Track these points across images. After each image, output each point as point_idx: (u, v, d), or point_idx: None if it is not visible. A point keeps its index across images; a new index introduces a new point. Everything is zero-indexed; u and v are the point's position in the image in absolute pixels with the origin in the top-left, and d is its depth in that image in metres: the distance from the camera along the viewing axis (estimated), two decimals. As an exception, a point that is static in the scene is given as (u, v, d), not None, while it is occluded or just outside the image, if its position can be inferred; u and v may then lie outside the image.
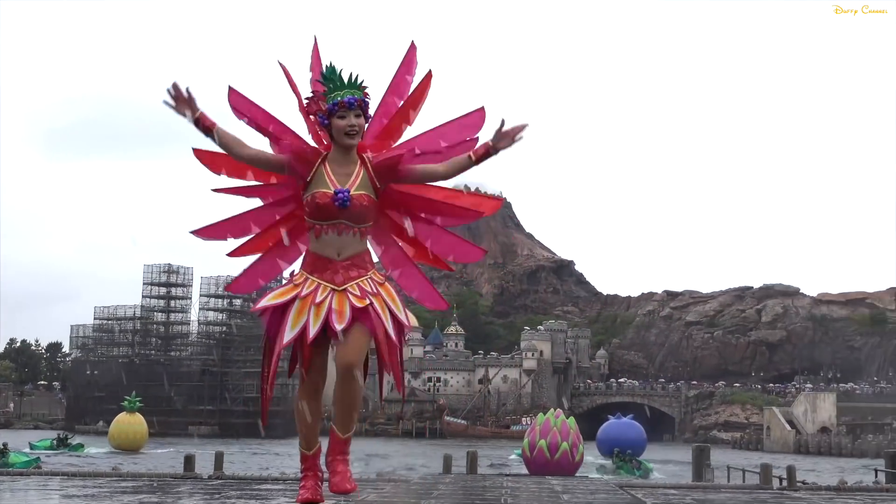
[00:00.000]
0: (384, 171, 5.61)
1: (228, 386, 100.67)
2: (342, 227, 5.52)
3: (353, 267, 5.55)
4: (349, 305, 5.41)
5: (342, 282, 5.49)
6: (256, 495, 7.36)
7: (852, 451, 76.75)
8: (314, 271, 5.56)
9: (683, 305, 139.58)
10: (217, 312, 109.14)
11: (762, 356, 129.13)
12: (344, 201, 5.44)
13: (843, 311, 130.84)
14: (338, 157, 5.59)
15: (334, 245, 5.55)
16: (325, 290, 5.47)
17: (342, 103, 5.51)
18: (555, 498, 6.97)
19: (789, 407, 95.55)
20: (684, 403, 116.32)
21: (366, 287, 5.51)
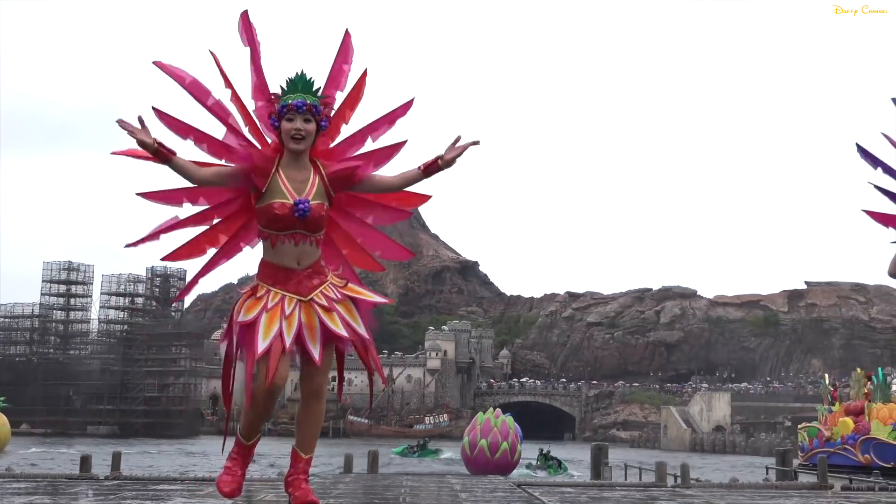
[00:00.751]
0: (339, 181, 5.56)
1: (129, 385, 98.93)
2: (299, 237, 5.45)
3: (314, 275, 5.50)
4: (318, 321, 5.39)
5: (307, 292, 5.44)
6: (154, 496, 7.29)
7: (745, 449, 78.62)
8: (276, 283, 5.48)
9: (585, 306, 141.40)
10: (118, 311, 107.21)
11: (660, 356, 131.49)
12: (304, 212, 5.37)
13: (738, 312, 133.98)
14: (290, 163, 5.49)
15: (292, 254, 5.48)
16: (292, 302, 5.42)
17: (290, 106, 5.43)
18: (453, 497, 7.05)
19: (686, 406, 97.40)
20: (584, 403, 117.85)
21: (330, 294, 5.49)
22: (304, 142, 5.44)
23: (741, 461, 60.38)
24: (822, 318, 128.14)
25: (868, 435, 44.27)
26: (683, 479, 13.71)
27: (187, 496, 7.13)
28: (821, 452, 45.53)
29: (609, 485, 10.15)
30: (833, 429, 46.41)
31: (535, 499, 6.86)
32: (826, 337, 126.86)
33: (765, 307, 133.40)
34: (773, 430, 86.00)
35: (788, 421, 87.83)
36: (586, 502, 6.86)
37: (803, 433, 50.05)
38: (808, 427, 50.12)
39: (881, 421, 44.12)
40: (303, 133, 5.42)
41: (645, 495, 7.89)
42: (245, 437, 5.76)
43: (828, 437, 46.54)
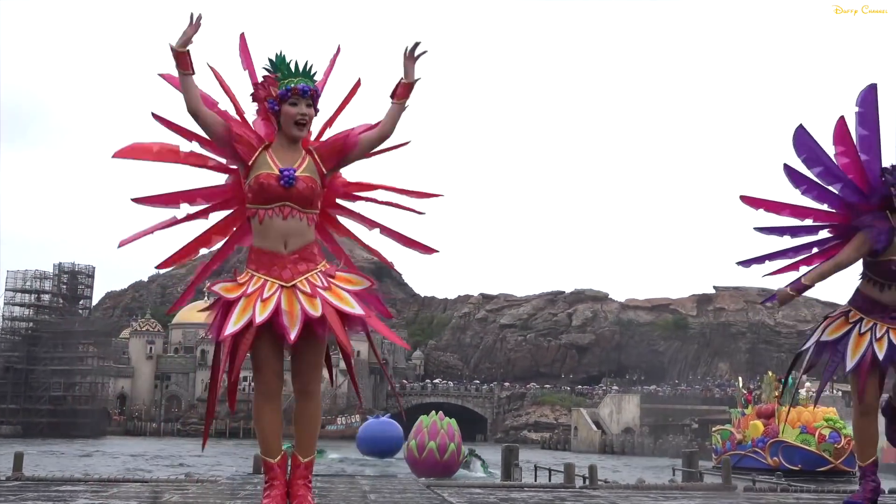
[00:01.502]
0: (330, 152, 5.39)
1: (34, 384, 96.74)
2: (287, 210, 5.20)
3: (301, 260, 5.23)
4: (300, 308, 5.09)
5: (290, 277, 5.17)
6: (57, 497, 7.16)
7: (654, 450, 79.78)
8: (259, 268, 5.24)
9: (498, 308, 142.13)
10: (24, 308, 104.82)
11: (572, 359, 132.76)
12: (290, 179, 5.15)
13: (648, 316, 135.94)
14: (283, 146, 5.32)
15: (280, 231, 5.20)
16: (273, 287, 5.15)
17: (296, 90, 5.26)
18: (362, 497, 7.05)
19: (596, 408, 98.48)
20: (497, 404, 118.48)
21: (315, 282, 5.19)
22: (306, 128, 5.33)
23: (649, 462, 61.28)
24: (730, 322, 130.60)
25: (777, 438, 45.16)
26: (591, 480, 13.87)
27: (91, 497, 7.01)
28: (732, 455, 46.52)
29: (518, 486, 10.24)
30: (745, 432, 47.31)
31: (444, 499, 6.90)
32: (733, 341, 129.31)
33: (674, 311, 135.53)
34: (681, 432, 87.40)
35: (695, 423, 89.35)
36: (494, 503, 6.91)
37: (717, 436, 51.02)
38: (721, 430, 51.07)
39: (790, 424, 45.04)
40: (307, 118, 5.31)
41: (552, 496, 7.98)
42: (265, 453, 5.44)
43: (739, 439, 47.47)
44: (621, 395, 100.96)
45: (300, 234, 5.26)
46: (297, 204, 5.21)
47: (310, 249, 5.30)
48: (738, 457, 46.27)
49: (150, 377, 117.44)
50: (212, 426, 5.90)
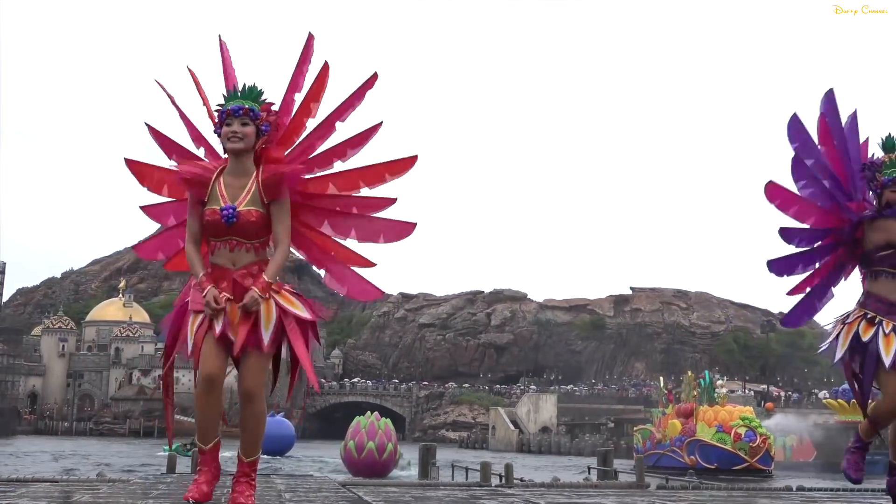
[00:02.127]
0: (268, 188, 5.60)
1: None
2: (233, 244, 5.58)
3: (248, 276, 5.55)
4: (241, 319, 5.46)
5: (240, 291, 5.51)
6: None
7: (570, 449, 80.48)
8: (213, 281, 5.55)
9: (417, 308, 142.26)
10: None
11: (491, 358, 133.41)
12: (230, 218, 5.49)
13: (566, 316, 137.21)
14: (233, 169, 5.63)
15: (228, 259, 5.60)
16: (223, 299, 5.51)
17: (228, 111, 5.58)
18: (277, 497, 7.01)
19: (514, 407, 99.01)
20: (415, 403, 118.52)
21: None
22: (241, 142, 5.56)
23: (566, 461, 61.82)
24: (646, 322, 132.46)
25: (693, 437, 45.67)
26: (507, 478, 13.99)
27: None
28: (652, 454, 46.98)
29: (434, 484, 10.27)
30: (664, 431, 47.79)
31: (360, 498, 6.89)
32: (649, 341, 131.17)
33: (592, 311, 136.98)
34: (598, 432, 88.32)
35: (611, 422, 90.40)
36: (409, 502, 6.92)
37: (637, 435, 51.49)
38: (641, 429, 51.54)
39: (706, 423, 45.54)
40: (238, 135, 5.55)
41: (468, 494, 8.02)
42: (200, 440, 5.68)
43: (659, 439, 47.90)
44: (539, 395, 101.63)
45: (247, 258, 5.63)
46: (242, 237, 5.58)
47: (257, 266, 5.62)
48: (657, 456, 46.72)
49: (63, 375, 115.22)
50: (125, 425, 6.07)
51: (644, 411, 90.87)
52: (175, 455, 17.07)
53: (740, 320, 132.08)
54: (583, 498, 7.72)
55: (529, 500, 7.09)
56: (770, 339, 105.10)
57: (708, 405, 46.67)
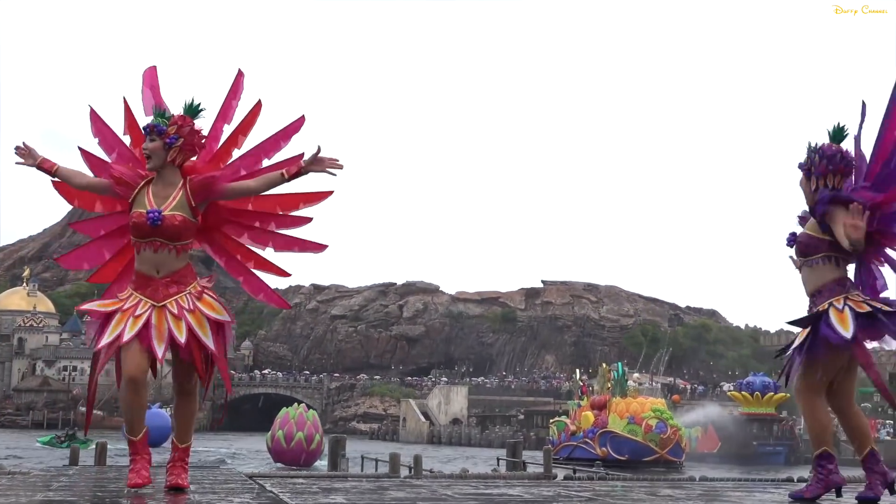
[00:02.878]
0: (198, 190, 6.01)
1: None
2: (157, 245, 5.94)
3: (172, 283, 5.98)
4: (168, 327, 5.84)
5: (161, 298, 5.91)
6: None
7: (480, 441, 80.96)
8: (137, 288, 5.99)
9: (329, 299, 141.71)
10: None
11: (402, 350, 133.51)
12: (155, 220, 5.86)
13: (478, 309, 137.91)
14: (161, 180, 6.04)
15: (152, 262, 5.97)
16: (146, 305, 5.89)
17: (143, 128, 6.12)
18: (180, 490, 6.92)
19: (425, 399, 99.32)
20: (326, 395, 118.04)
21: (183, 304, 5.93)
22: (150, 160, 6.01)
23: (476, 453, 62.16)
24: (557, 315, 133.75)
25: (605, 428, 45.98)
26: (416, 470, 14.02)
27: None
28: (566, 445, 47.32)
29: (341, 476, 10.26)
30: (578, 422, 48.09)
31: (265, 490, 6.85)
32: (559, 334, 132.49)
33: (503, 304, 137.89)
34: (508, 423, 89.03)
35: (521, 414, 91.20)
36: (316, 493, 6.90)
37: (553, 427, 51.77)
38: (557, 421, 51.83)
39: (618, 415, 45.83)
40: (148, 151, 6.00)
41: (375, 486, 8.01)
42: (129, 433, 6.02)
43: (573, 430, 48.18)
44: (450, 387, 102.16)
45: (170, 263, 6.02)
46: (165, 238, 5.95)
47: (181, 273, 6.07)
48: (570, 447, 46.97)
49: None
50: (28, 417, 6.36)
51: (554, 403, 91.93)
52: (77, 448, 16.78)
53: (649, 314, 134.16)
54: (490, 489, 7.77)
55: (437, 492, 7.12)
56: (677, 332, 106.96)
57: (621, 397, 46.94)
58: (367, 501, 6.14)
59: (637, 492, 7.71)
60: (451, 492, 7.12)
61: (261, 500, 5.99)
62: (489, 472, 19.53)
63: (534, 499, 6.54)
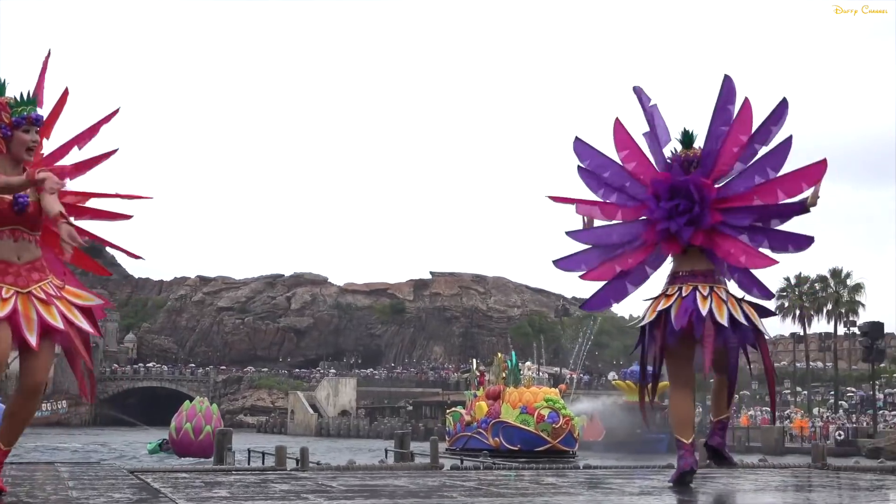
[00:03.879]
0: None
1: None
2: (18, 234, 5.66)
3: (34, 270, 5.70)
4: (37, 313, 5.54)
5: (25, 284, 5.62)
6: None
7: (369, 432, 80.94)
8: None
9: (216, 291, 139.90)
10: None
11: (290, 342, 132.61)
12: (23, 206, 5.58)
13: (366, 300, 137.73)
14: (9, 170, 5.66)
15: (12, 250, 5.66)
16: (10, 291, 5.57)
17: (30, 118, 5.70)
18: (61, 485, 6.80)
19: (313, 391, 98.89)
20: (213, 388, 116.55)
21: (49, 290, 5.70)
22: (33, 154, 5.81)
23: (365, 444, 62.15)
24: (445, 306, 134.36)
25: (498, 418, 46.09)
26: (303, 462, 13.96)
27: None
28: (462, 436, 47.40)
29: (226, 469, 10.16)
30: (473, 413, 48.18)
31: (147, 485, 6.76)
32: (448, 325, 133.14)
33: (392, 295, 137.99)
34: (397, 415, 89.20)
35: (410, 405, 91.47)
36: (200, 487, 6.84)
37: (450, 418, 51.75)
38: (453, 412, 51.81)
39: (511, 405, 45.90)
40: (36, 145, 5.81)
41: (260, 479, 7.98)
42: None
43: (468, 421, 48.21)
44: (338, 379, 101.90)
45: (30, 251, 5.77)
46: (26, 227, 5.70)
47: (40, 262, 5.81)
48: (465, 438, 47.03)
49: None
50: None
51: (442, 394, 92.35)
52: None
53: (536, 305, 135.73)
54: (376, 480, 7.81)
55: (322, 483, 7.12)
56: (564, 322, 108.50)
57: (514, 387, 47.00)
58: (251, 495, 6.12)
59: (522, 480, 7.83)
60: (337, 483, 7.14)
61: (142, 495, 5.92)
62: (376, 463, 19.57)
63: (419, 489, 6.60)
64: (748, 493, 6.67)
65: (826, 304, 74.52)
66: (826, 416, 65.11)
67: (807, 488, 7.27)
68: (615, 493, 6.46)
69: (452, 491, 6.40)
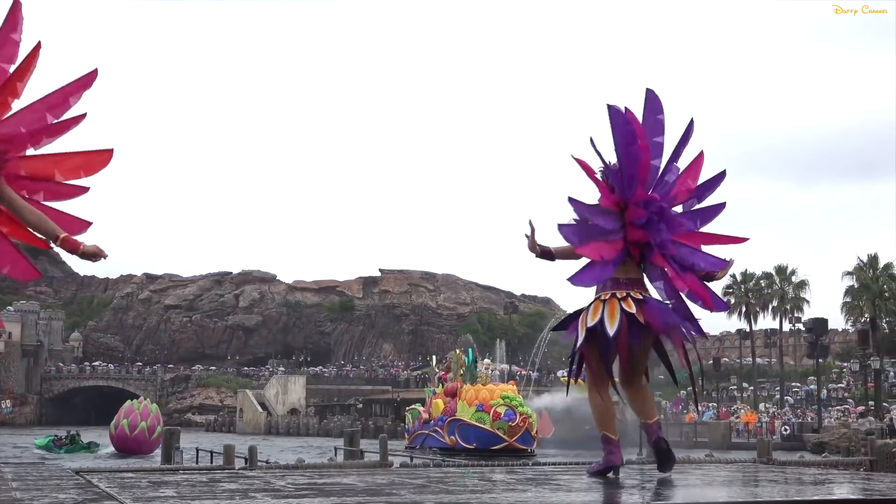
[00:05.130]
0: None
1: None
2: None
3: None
4: None
5: None
6: None
7: (319, 430, 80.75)
8: None
9: (163, 289, 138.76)
10: None
11: (239, 340, 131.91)
12: None
13: (315, 297, 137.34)
14: None
15: None
16: None
17: None
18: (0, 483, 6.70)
19: (262, 389, 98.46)
20: (160, 387, 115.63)
21: None
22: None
23: (315, 443, 61.96)
24: (394, 304, 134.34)
25: (454, 416, 45.24)
26: (251, 461, 13.89)
27: None
28: (420, 434, 46.84)
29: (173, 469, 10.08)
30: (431, 410, 47.43)
31: (91, 485, 6.68)
32: (397, 322, 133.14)
33: (341, 293, 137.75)
34: (346, 412, 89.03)
35: (360, 403, 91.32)
36: (146, 487, 6.77)
37: (408, 415, 51.04)
38: (412, 409, 51.05)
39: (467, 402, 44.94)
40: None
41: (208, 478, 7.92)
42: None
43: (426, 418, 47.46)
44: (287, 377, 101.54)
45: None
46: None
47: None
48: (423, 436, 46.35)
49: None
50: None
51: (392, 392, 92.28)
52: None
53: (485, 302, 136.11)
54: (324, 478, 7.78)
55: (270, 482, 7.08)
56: (513, 319, 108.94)
57: (471, 384, 45.95)
58: (198, 494, 6.06)
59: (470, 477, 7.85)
60: (285, 482, 7.10)
61: (87, 495, 5.85)
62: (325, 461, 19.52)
63: (367, 486, 6.58)
64: (694, 487, 6.73)
65: (772, 300, 75.50)
66: (772, 411, 65.92)
67: (753, 482, 7.35)
68: (562, 490, 6.49)
69: (401, 489, 6.40)
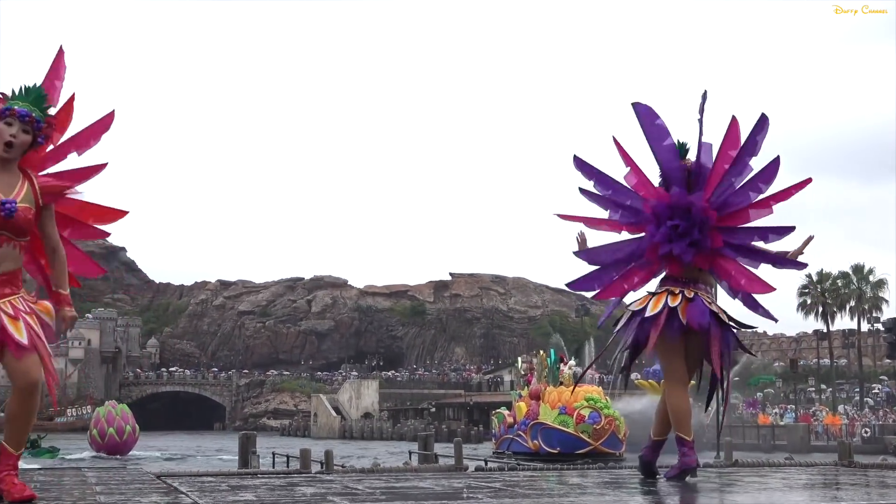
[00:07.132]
0: (50, 193, 5.49)
1: None
2: (3, 239, 5.31)
3: (7, 284, 5.33)
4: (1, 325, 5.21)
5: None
6: None
7: (392, 434, 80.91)
8: None
9: (237, 295, 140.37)
10: None
11: (312, 345, 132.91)
12: (10, 212, 5.25)
13: (386, 302, 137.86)
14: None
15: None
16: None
17: (14, 111, 5.32)
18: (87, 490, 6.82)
19: (336, 394, 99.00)
20: (235, 392, 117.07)
21: (18, 305, 5.32)
22: (13, 150, 5.34)
23: (388, 447, 62.14)
24: (465, 308, 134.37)
25: (536, 419, 44.11)
26: (327, 465, 13.97)
27: None
28: (505, 438, 46.06)
29: (252, 473, 10.18)
30: (515, 414, 46.49)
31: (172, 489, 6.78)
32: (468, 326, 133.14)
33: (412, 297, 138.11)
34: (420, 416, 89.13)
35: (433, 406, 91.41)
36: (226, 490, 6.85)
37: (494, 419, 50.27)
38: (498, 413, 50.18)
39: (549, 405, 43.70)
40: (16, 142, 5.32)
41: (286, 482, 7.99)
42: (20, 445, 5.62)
43: (511, 422, 46.47)
44: (360, 381, 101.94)
45: (11, 260, 5.39)
46: (13, 233, 5.35)
47: (15, 275, 5.42)
48: (508, 440, 45.43)
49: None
50: None
51: (464, 395, 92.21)
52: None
53: (556, 305, 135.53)
54: (401, 482, 7.81)
55: (348, 486, 7.13)
56: (584, 322, 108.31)
57: (553, 386, 44.73)
58: (276, 498, 6.12)
59: (546, 481, 7.82)
60: (363, 486, 7.14)
61: (169, 499, 5.93)
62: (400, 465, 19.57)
63: (443, 490, 6.60)
64: (776, 490, 6.63)
65: (849, 300, 74.03)
66: (851, 413, 64.64)
67: (834, 486, 7.23)
68: (639, 493, 6.44)
69: (477, 492, 6.40)
